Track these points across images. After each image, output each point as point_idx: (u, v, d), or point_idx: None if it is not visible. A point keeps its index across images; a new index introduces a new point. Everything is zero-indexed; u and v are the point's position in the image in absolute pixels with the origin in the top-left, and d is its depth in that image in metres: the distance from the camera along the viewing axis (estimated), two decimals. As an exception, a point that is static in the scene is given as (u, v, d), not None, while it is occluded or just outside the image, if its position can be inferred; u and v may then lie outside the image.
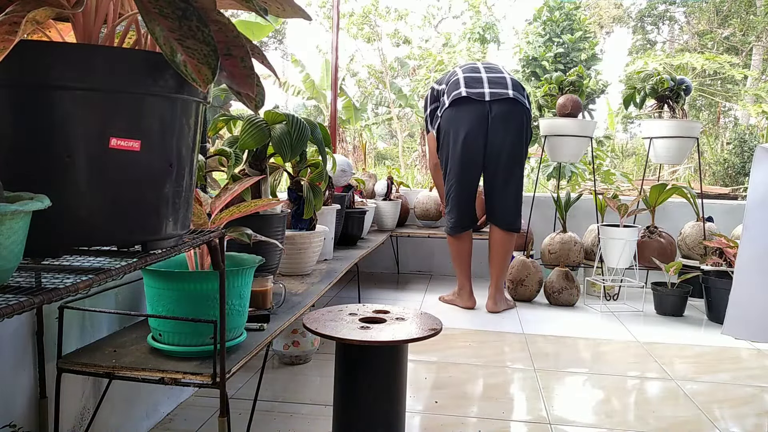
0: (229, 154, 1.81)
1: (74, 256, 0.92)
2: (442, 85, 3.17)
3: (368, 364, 1.38)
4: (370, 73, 13.01)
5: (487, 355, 2.46)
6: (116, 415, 1.49)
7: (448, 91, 3.05)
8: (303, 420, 1.77)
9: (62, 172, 0.78)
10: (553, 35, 11.69)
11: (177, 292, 1.25)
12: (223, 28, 0.86)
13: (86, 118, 0.79)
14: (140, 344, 1.35)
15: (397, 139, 12.05)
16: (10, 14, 0.70)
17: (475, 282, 3.34)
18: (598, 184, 4.62)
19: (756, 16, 13.59)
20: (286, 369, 2.21)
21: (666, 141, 3.56)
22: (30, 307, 0.66)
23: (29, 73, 0.76)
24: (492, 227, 3.12)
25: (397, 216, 3.87)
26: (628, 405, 2.01)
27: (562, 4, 11.81)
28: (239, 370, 1.28)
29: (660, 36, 17.95)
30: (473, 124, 2.96)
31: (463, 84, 3.00)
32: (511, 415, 1.86)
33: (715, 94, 12.95)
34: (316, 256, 2.24)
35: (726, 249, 3.13)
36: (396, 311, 1.55)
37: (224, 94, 2.06)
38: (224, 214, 1.37)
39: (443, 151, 3.10)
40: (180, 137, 0.90)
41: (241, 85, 0.91)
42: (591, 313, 3.24)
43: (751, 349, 2.66)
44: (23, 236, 0.68)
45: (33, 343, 1.21)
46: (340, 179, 2.96)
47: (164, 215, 0.90)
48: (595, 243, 3.51)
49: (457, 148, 3.00)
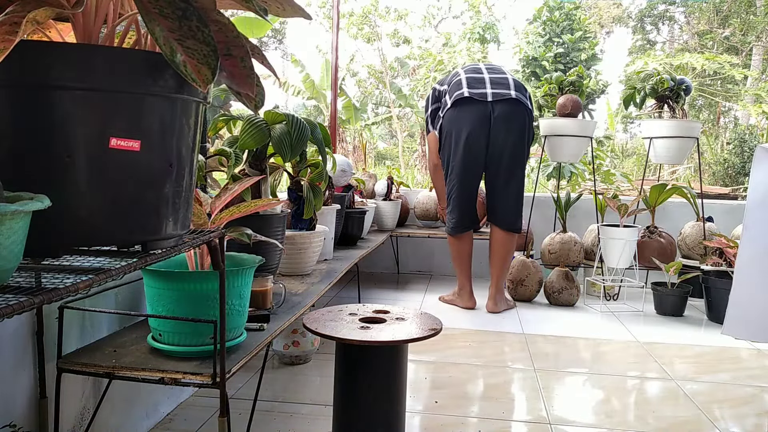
0: (229, 154, 1.81)
1: (74, 256, 0.92)
2: (444, 86, 3.17)
3: (368, 364, 1.38)
4: (370, 73, 13.02)
5: (487, 355, 2.46)
6: (116, 415, 1.49)
7: (451, 91, 3.06)
8: (303, 420, 1.77)
9: (62, 172, 0.78)
10: (553, 35, 11.70)
11: (177, 292, 1.25)
12: (223, 28, 0.86)
13: (86, 118, 0.79)
14: (140, 344, 1.35)
15: (397, 139, 12.06)
16: (11, 14, 0.70)
17: (475, 282, 3.34)
18: (598, 184, 4.62)
19: (756, 16, 13.59)
20: (286, 369, 2.21)
21: (666, 141, 3.56)
22: (30, 307, 0.66)
23: (29, 73, 0.76)
24: (493, 227, 3.12)
25: (397, 216, 3.87)
26: (628, 405, 2.01)
27: (562, 4, 11.81)
28: (239, 370, 1.28)
29: (660, 36, 17.95)
30: (475, 125, 2.96)
31: (466, 84, 3.01)
32: (511, 415, 1.86)
33: (715, 94, 12.95)
34: (316, 256, 2.24)
35: (726, 249, 3.13)
36: (396, 311, 1.55)
37: (224, 94, 2.06)
38: (224, 214, 1.37)
39: (445, 151, 3.10)
40: (180, 137, 0.90)
41: (241, 85, 0.91)
42: (591, 313, 3.24)
43: (751, 349, 2.66)
44: (23, 236, 0.68)
45: (33, 343, 1.21)
46: (340, 179, 2.96)
47: (164, 215, 0.90)
48: (595, 243, 3.51)
49: (459, 148, 3.00)
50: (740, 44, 14.30)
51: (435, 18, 14.84)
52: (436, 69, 11.21)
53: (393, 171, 4.30)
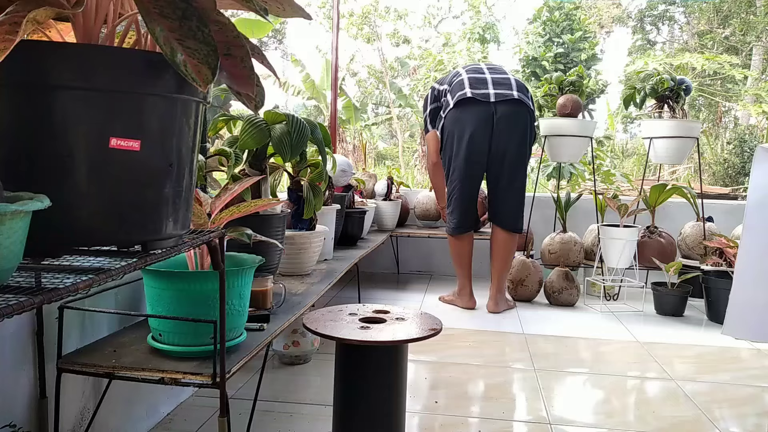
0: (229, 154, 1.81)
1: (74, 256, 0.92)
2: (444, 85, 3.16)
3: (368, 364, 1.38)
4: (370, 73, 13.02)
5: (487, 355, 2.46)
6: (116, 415, 1.49)
7: (452, 91, 3.05)
8: (303, 420, 1.77)
9: (62, 172, 0.78)
10: (553, 35, 11.70)
11: (177, 292, 1.25)
12: (223, 28, 0.86)
13: (86, 118, 0.79)
14: (140, 344, 1.35)
15: (397, 139, 12.05)
16: (11, 14, 0.70)
17: (475, 282, 3.34)
18: (598, 184, 4.61)
19: (756, 16, 13.59)
20: (286, 369, 2.21)
21: (666, 141, 3.56)
22: (30, 307, 0.66)
23: (29, 73, 0.76)
24: (494, 228, 3.12)
25: (397, 216, 3.87)
26: (628, 405, 2.00)
27: (562, 4, 11.81)
28: (239, 370, 1.28)
29: (660, 36, 17.95)
30: (478, 125, 2.96)
31: (468, 85, 3.01)
32: (511, 415, 1.86)
33: (715, 94, 12.94)
34: (316, 256, 2.24)
35: (726, 249, 3.13)
36: (396, 311, 1.55)
37: (224, 94, 2.06)
38: (224, 214, 1.37)
39: (446, 151, 3.10)
40: (180, 137, 0.90)
41: (241, 85, 0.91)
42: (591, 313, 3.24)
43: (751, 349, 2.66)
44: (23, 236, 0.68)
45: (33, 343, 1.21)
46: (340, 179, 2.96)
47: (164, 215, 0.90)
48: (595, 243, 3.51)
49: (461, 149, 3.00)
50: (740, 44, 14.30)
51: (435, 18, 14.84)
52: (436, 69, 11.21)
53: (393, 171, 4.30)
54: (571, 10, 11.99)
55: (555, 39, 11.65)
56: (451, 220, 3.15)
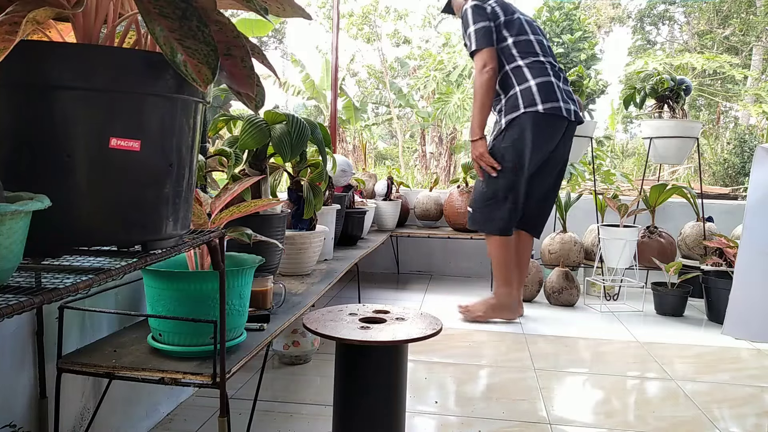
0: (229, 154, 1.81)
1: (74, 256, 0.92)
2: (497, 7, 2.95)
3: (368, 364, 1.38)
4: (370, 73, 13.03)
5: (487, 355, 2.46)
6: (116, 415, 1.49)
7: (516, 37, 2.86)
8: (303, 420, 1.77)
9: (62, 172, 0.78)
10: (553, 35, 11.70)
11: (177, 292, 1.25)
12: (223, 28, 0.86)
13: (86, 118, 0.79)
14: (140, 344, 1.35)
15: (397, 139, 12.06)
16: (11, 14, 0.70)
17: (475, 282, 3.33)
18: (598, 184, 4.61)
19: (756, 16, 13.60)
20: (286, 369, 2.21)
21: (666, 141, 3.56)
22: (30, 307, 0.66)
23: (29, 73, 0.76)
24: (522, 234, 2.99)
25: (397, 216, 3.87)
26: (628, 405, 2.00)
27: (561, 4, 11.81)
28: (239, 370, 1.28)
29: (660, 36, 17.95)
30: (554, 137, 2.85)
31: (558, 93, 2.81)
32: (511, 415, 1.86)
33: (715, 94, 12.94)
34: (316, 256, 2.24)
35: (726, 249, 3.13)
36: (396, 311, 1.55)
37: (224, 94, 2.06)
38: (224, 214, 1.37)
39: (513, 145, 2.83)
40: (180, 137, 0.90)
41: (241, 85, 0.91)
42: (591, 313, 3.24)
43: (751, 349, 2.66)
44: (23, 236, 0.68)
45: (33, 343, 1.21)
46: (340, 179, 2.96)
47: (164, 215, 0.90)
48: (595, 243, 3.51)
49: (533, 152, 2.82)
50: (740, 44, 14.31)
51: (435, 18, 14.84)
52: (436, 69, 11.21)
53: (393, 171, 4.30)
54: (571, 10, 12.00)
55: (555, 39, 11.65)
56: (501, 219, 2.85)
